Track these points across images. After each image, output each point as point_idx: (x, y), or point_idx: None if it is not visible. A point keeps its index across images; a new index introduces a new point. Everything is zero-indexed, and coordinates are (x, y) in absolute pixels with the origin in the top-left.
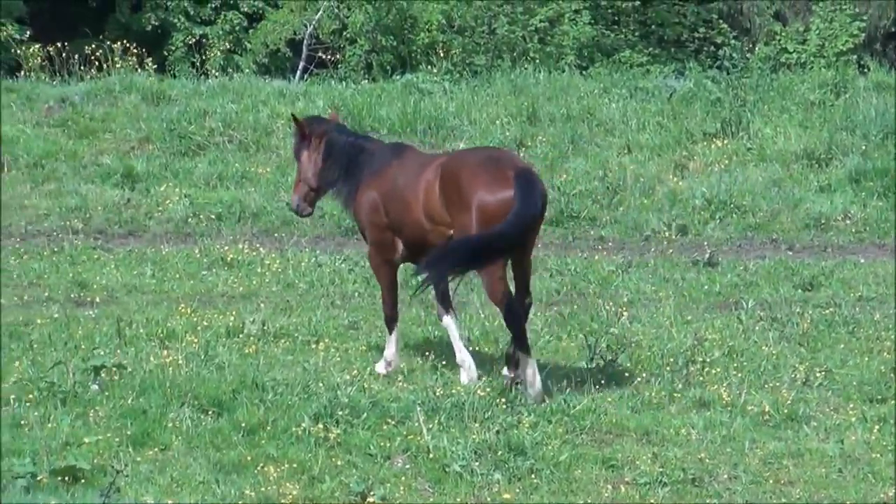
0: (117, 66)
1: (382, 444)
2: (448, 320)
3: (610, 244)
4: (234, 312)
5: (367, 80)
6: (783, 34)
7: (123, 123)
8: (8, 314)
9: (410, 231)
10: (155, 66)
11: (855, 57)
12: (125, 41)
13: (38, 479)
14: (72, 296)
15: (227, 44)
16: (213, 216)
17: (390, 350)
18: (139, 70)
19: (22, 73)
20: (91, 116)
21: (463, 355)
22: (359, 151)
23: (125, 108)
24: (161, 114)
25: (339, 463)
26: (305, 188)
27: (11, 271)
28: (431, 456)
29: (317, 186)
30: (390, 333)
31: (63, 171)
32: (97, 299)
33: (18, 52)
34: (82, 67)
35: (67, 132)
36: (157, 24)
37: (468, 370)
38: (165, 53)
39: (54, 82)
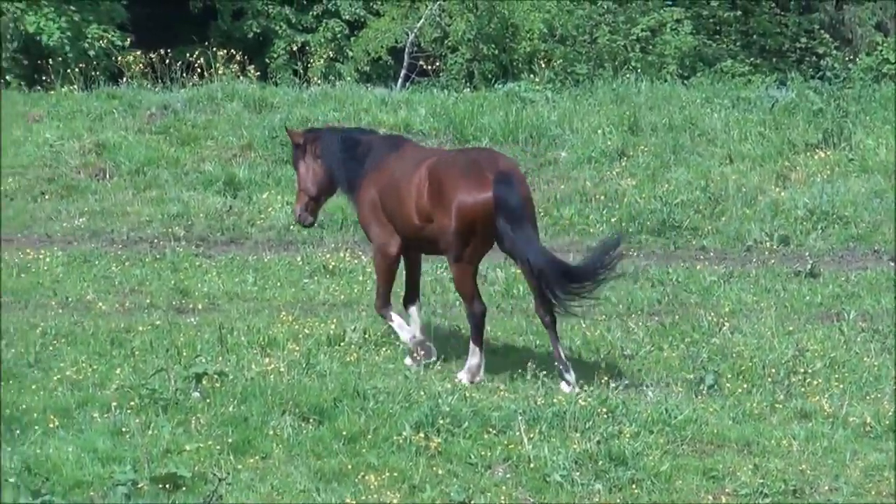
0: (219, 73)
1: (483, 453)
2: (413, 310)
3: (711, 254)
4: (335, 320)
5: (468, 89)
6: (885, 45)
7: (225, 131)
8: (110, 321)
9: (402, 224)
10: (257, 74)
11: None
12: (227, 48)
13: (139, 486)
14: (173, 303)
15: (328, 51)
16: (317, 225)
17: (405, 332)
18: (241, 77)
19: (124, 79)
20: (193, 123)
21: (413, 336)
22: (354, 144)
23: (227, 116)
24: (263, 121)
25: (439, 472)
26: (306, 198)
27: (113, 278)
28: (532, 465)
29: (316, 194)
30: (392, 320)
31: (165, 178)
32: (199, 306)
33: (120, 58)
34: (184, 74)
35: (169, 139)
36: (258, 31)
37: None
38: (267, 61)
39: (156, 89)
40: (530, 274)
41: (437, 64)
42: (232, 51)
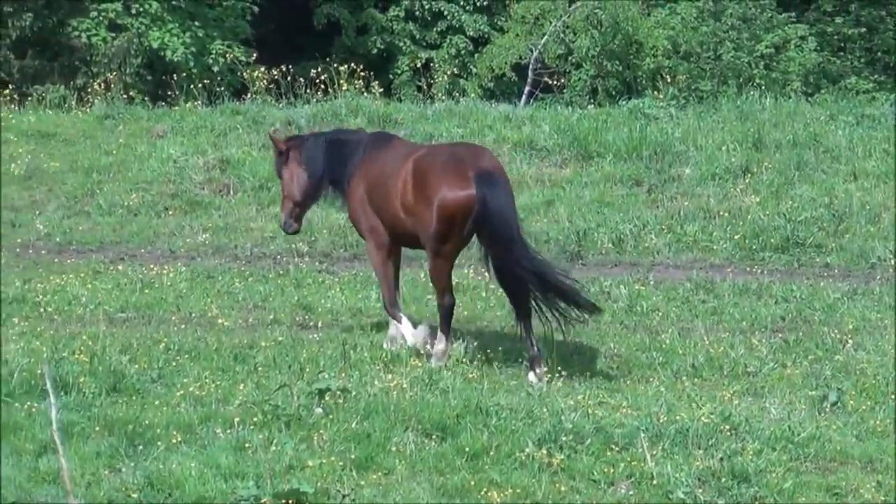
0: (343, 89)
1: (606, 470)
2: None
3: (835, 271)
4: (458, 335)
5: (592, 105)
6: None
7: None
8: (233, 337)
9: (389, 218)
10: (381, 90)
11: None
12: (351, 64)
13: (262, 502)
14: (296, 319)
15: (452, 68)
16: None
17: (412, 335)
18: (365, 93)
19: (248, 95)
20: None
21: (422, 333)
22: (339, 146)
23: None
24: None
25: (562, 489)
26: (290, 204)
27: (236, 294)
28: (655, 482)
29: (301, 200)
30: (399, 321)
31: None
32: (322, 322)
33: (245, 74)
34: (308, 90)
35: None
36: (382, 47)
37: (437, 352)
38: (391, 77)
39: (280, 105)
40: (508, 277)
41: (561, 80)
42: (355, 66)
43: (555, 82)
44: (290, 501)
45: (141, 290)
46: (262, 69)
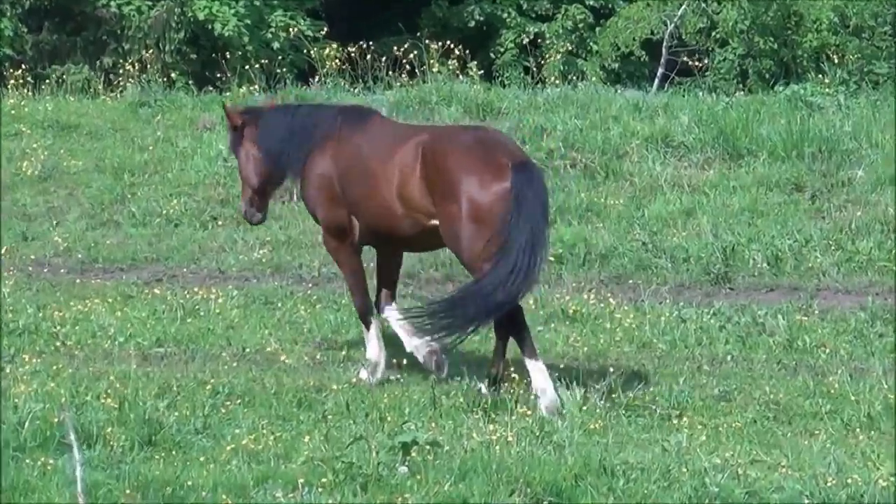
0: (434, 70)
1: None
2: (390, 312)
3: None
4: (575, 378)
5: (741, 92)
6: None
7: None
8: (296, 377)
9: (375, 213)
10: (480, 72)
11: None
12: (443, 41)
13: None
14: None
15: (568, 45)
16: (551, 258)
17: (372, 349)
18: (460, 76)
19: (316, 78)
20: None
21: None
22: (303, 120)
23: (444, 122)
24: None
25: None
26: (248, 191)
27: (301, 324)
28: None
29: (259, 185)
30: (367, 328)
31: None
32: (405, 360)
33: (312, 52)
34: (390, 72)
35: None
36: (481, 19)
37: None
38: (492, 56)
39: (355, 90)
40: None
41: (703, 61)
42: (449, 43)
43: (695, 63)
44: None
45: (182, 318)
46: (334, 46)
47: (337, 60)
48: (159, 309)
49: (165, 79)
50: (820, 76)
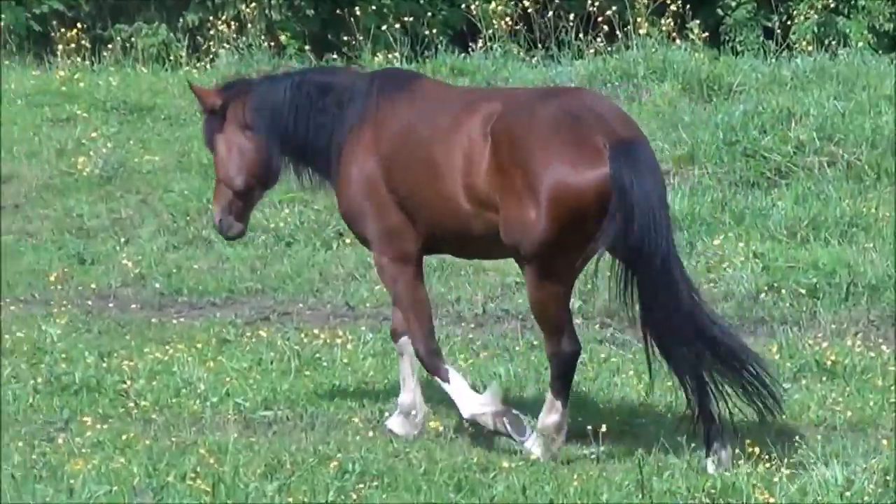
0: (641, 33)
1: None
2: (405, 344)
3: None
4: (834, 453)
5: None
6: None
7: (650, 130)
8: (453, 451)
9: (438, 211)
10: (704, 35)
11: None
12: None
13: None
14: (578, 418)
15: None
16: (800, 290)
17: (470, 403)
18: (677, 40)
19: (478, 43)
20: None
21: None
22: (317, 91)
23: (653, 104)
24: (714, 115)
25: None
26: (227, 194)
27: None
28: None
29: (244, 187)
30: (446, 380)
31: None
32: (606, 426)
33: (473, 7)
34: (581, 35)
35: None
36: None
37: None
38: (720, 13)
39: (533, 59)
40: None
41: None
42: None
43: None
44: None
45: (298, 371)
46: (501, 2)
47: (507, 19)
48: (266, 358)
49: (272, 43)
50: None
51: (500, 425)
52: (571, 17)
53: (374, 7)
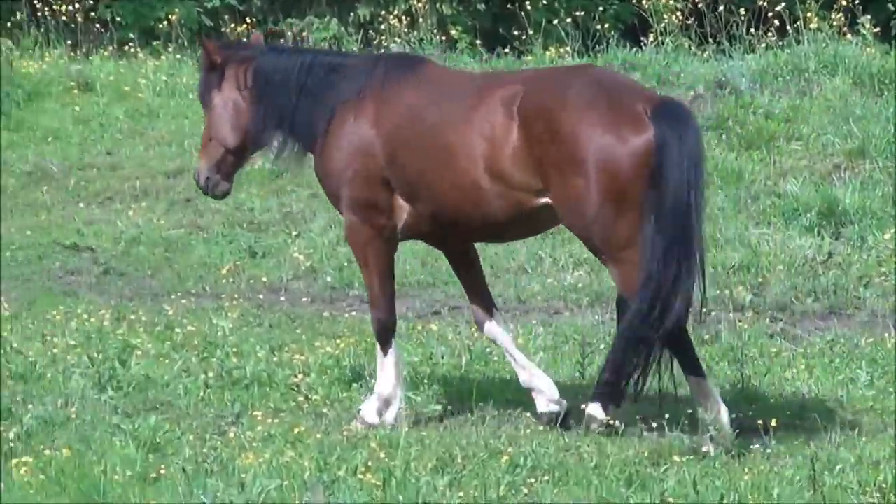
0: (812, 27)
1: None
2: (492, 327)
3: None
4: None
5: None
6: None
7: (821, 125)
8: (626, 445)
9: (446, 193)
10: (875, 30)
11: None
12: None
13: None
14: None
15: None
16: None
17: (386, 380)
18: (848, 34)
19: (650, 37)
20: (765, 111)
21: (534, 377)
22: (326, 70)
23: (824, 98)
24: (883, 108)
25: None
26: (219, 150)
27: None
28: None
29: (236, 145)
30: (385, 353)
31: (718, 203)
32: (775, 422)
33: (644, 2)
34: (752, 30)
35: (728, 137)
36: None
37: (546, 394)
38: (892, 7)
39: (703, 52)
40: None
41: None
42: None
43: None
44: None
45: (468, 365)
46: None
47: (679, 14)
48: (437, 352)
49: (443, 37)
50: None
51: (381, 410)
52: (742, 11)
53: (545, 2)
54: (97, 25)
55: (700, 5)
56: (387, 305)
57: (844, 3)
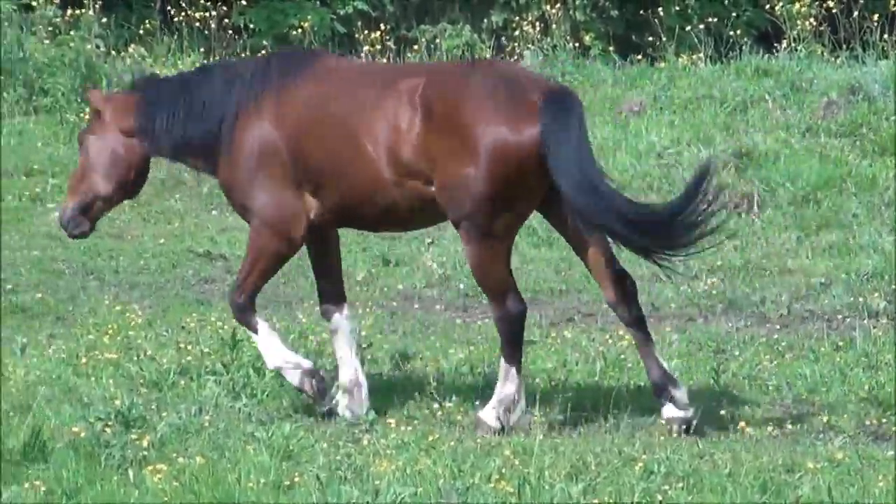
0: None
1: None
2: (339, 320)
3: None
4: None
5: None
6: None
7: None
8: (760, 452)
9: (351, 185)
10: None
11: None
12: None
13: None
14: None
15: None
16: None
17: (275, 352)
18: None
19: (783, 43)
20: None
21: (353, 375)
22: (214, 80)
23: None
24: None
25: None
26: (88, 195)
27: (765, 379)
28: None
29: (108, 192)
30: (256, 331)
31: (852, 211)
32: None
33: (777, 8)
34: (886, 35)
35: (861, 145)
36: None
37: (354, 397)
38: None
39: (836, 58)
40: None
41: None
42: None
43: None
44: None
45: (602, 371)
46: (806, 2)
47: (812, 20)
48: (571, 359)
49: (577, 44)
50: None
51: (308, 386)
52: (875, 17)
53: (677, 8)
54: (230, 32)
55: (834, 11)
56: (250, 291)
57: None
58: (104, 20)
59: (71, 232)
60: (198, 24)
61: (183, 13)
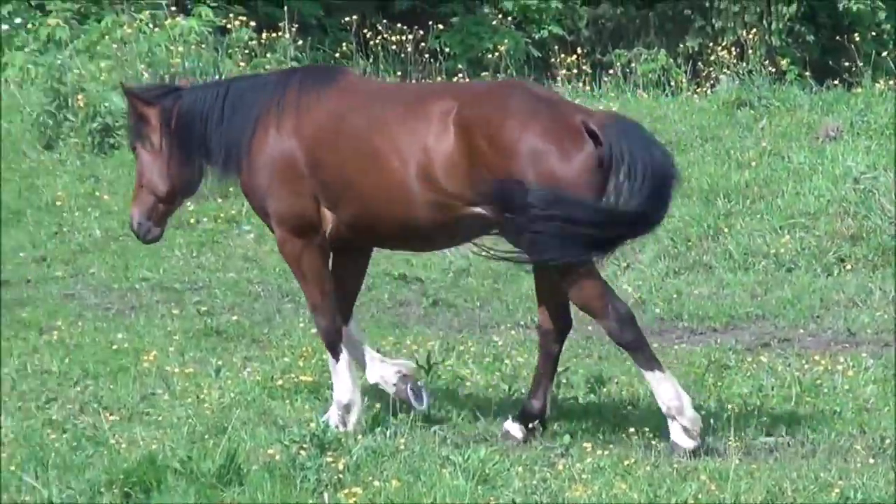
0: None
1: None
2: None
3: None
4: None
5: None
6: None
7: None
8: None
9: (371, 199)
10: None
11: None
12: None
13: None
14: None
15: None
16: None
17: (343, 386)
18: None
19: None
20: None
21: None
22: (245, 91)
23: None
24: None
25: None
26: (150, 198)
27: None
28: None
29: (168, 191)
30: (336, 360)
31: None
32: None
33: None
34: None
35: None
36: None
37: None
38: None
39: None
40: None
41: None
42: None
43: None
44: None
45: (799, 397)
46: None
47: None
48: (767, 384)
49: (773, 69)
50: None
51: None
52: None
53: (873, 33)
54: (426, 56)
55: None
56: (328, 311)
57: None
58: (299, 42)
59: (143, 237)
60: (394, 47)
61: (379, 36)
